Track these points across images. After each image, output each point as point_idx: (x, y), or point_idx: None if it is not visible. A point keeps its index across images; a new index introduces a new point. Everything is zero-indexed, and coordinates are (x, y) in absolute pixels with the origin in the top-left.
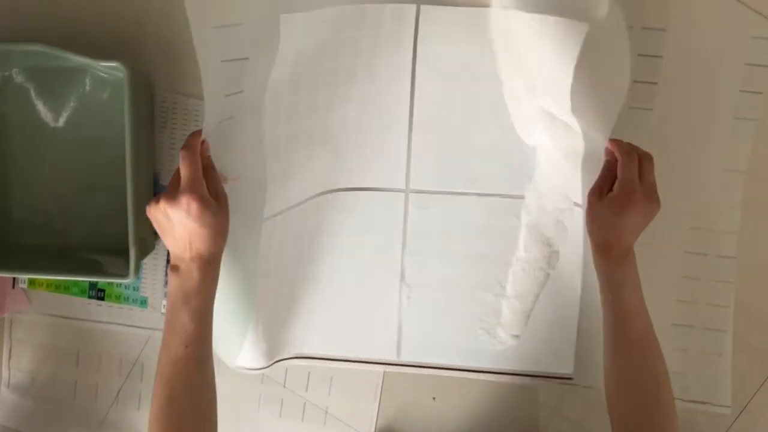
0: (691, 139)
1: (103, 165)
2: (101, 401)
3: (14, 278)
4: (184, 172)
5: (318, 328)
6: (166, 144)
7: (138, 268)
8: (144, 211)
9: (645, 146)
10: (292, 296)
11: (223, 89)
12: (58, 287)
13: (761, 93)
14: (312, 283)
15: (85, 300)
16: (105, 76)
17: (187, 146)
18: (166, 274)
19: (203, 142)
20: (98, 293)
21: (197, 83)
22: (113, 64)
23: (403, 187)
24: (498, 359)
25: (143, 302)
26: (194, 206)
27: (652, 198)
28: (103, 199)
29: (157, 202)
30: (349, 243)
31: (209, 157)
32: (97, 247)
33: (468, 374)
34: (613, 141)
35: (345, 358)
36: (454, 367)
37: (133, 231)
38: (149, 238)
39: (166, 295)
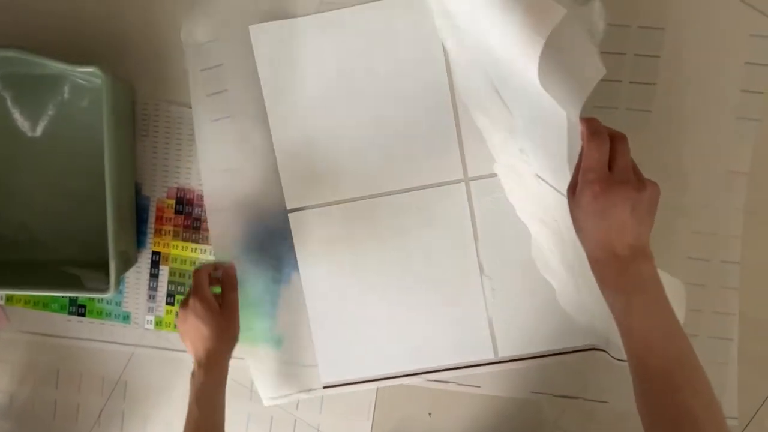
0: (691, 140)
1: (82, 175)
2: (82, 422)
3: None
4: (193, 282)
5: (401, 344)
6: (149, 152)
7: (119, 282)
8: (125, 223)
9: (644, 149)
10: (363, 316)
11: (204, 90)
12: (36, 303)
13: (762, 93)
14: (383, 297)
15: (65, 316)
16: (84, 83)
17: (198, 268)
18: (150, 288)
19: (226, 264)
20: (79, 309)
21: (179, 90)
22: (90, 69)
23: (462, 176)
24: (586, 336)
25: (126, 317)
26: (198, 305)
27: (629, 185)
28: (82, 210)
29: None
30: (419, 246)
31: (233, 276)
32: (76, 261)
33: (558, 357)
34: (582, 120)
35: (443, 368)
36: (549, 353)
37: (113, 243)
38: (131, 251)
39: (149, 310)
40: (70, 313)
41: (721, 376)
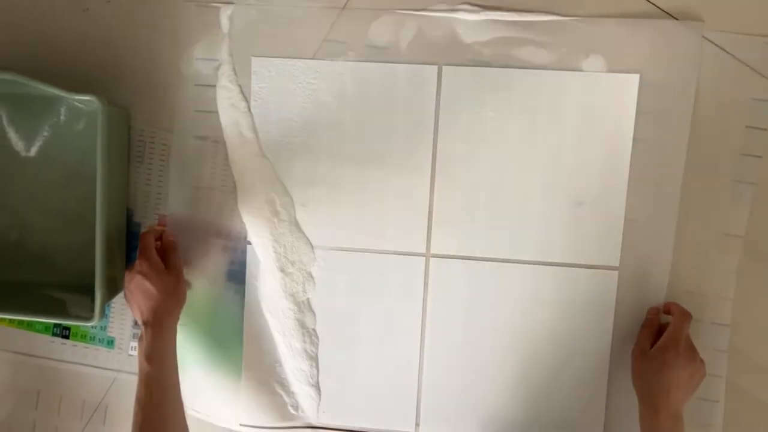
0: (689, 200)
1: (74, 198)
2: None
3: None
4: (140, 244)
5: (330, 396)
6: (142, 179)
7: (104, 310)
8: (114, 248)
9: (641, 206)
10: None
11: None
12: (20, 323)
13: (761, 157)
14: (326, 345)
15: (48, 337)
16: (81, 106)
17: (145, 231)
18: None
19: (165, 229)
20: (63, 331)
21: (175, 118)
22: (88, 97)
23: (424, 251)
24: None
25: (110, 342)
26: (144, 265)
27: (695, 356)
28: (72, 233)
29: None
30: (367, 307)
31: (173, 241)
32: (63, 284)
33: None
34: (672, 304)
35: (359, 430)
36: None
37: (101, 269)
38: (119, 276)
39: (133, 336)
40: (54, 335)
41: None
